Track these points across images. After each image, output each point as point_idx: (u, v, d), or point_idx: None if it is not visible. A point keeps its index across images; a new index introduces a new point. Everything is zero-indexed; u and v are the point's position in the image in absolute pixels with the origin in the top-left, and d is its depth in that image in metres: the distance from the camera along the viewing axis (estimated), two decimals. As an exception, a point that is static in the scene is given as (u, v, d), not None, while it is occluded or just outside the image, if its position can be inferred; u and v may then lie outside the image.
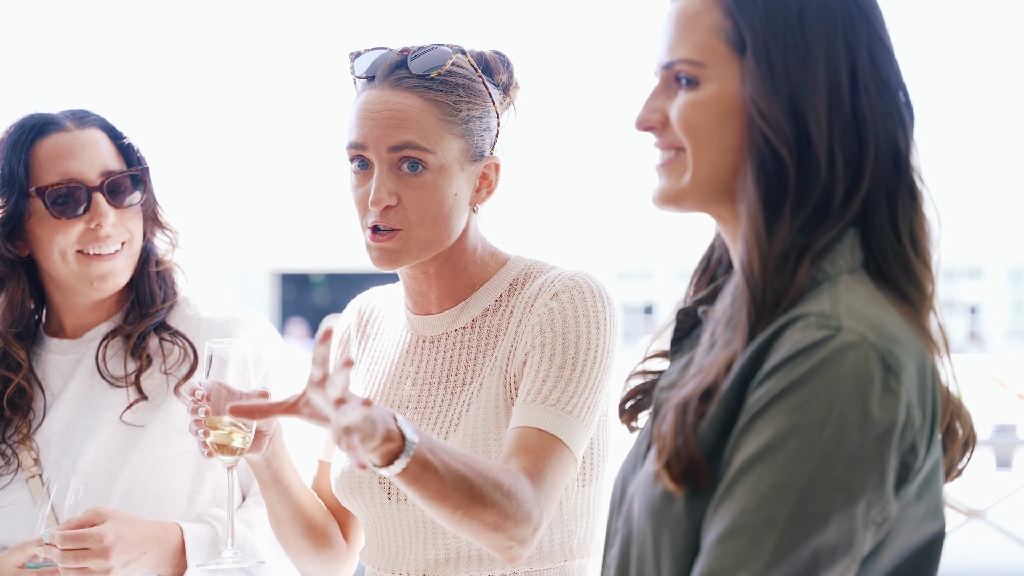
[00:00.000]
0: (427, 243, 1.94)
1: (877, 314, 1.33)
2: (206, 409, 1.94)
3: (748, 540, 1.25)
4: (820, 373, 1.27)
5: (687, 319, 1.53)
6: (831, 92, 1.36)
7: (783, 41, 1.37)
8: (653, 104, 1.44)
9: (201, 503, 2.30)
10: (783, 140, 1.35)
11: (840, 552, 1.26)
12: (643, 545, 1.38)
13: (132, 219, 2.30)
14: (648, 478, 1.40)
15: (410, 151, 1.91)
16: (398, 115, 1.94)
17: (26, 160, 2.27)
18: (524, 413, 1.85)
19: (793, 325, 1.31)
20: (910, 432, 1.29)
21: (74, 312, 2.36)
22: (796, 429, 1.26)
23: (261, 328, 2.40)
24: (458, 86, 1.96)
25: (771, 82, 1.36)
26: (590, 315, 1.90)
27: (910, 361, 1.30)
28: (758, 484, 1.26)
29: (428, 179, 1.92)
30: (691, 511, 1.33)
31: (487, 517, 1.75)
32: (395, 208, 1.93)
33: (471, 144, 1.96)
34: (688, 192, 1.42)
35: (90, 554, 2.08)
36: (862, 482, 1.26)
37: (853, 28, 1.39)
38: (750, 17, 1.38)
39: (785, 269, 1.35)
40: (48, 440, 2.30)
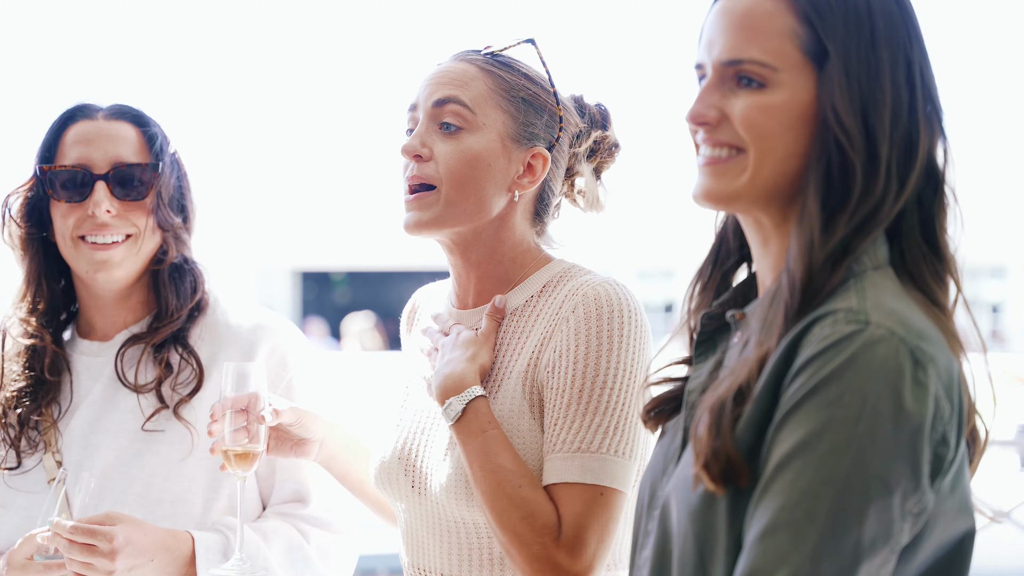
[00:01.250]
0: (455, 208, 1.95)
1: (904, 309, 1.34)
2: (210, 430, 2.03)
3: (790, 536, 1.26)
4: (851, 367, 1.28)
5: (710, 322, 1.53)
6: (894, 107, 1.39)
7: (858, 55, 1.39)
8: (709, 99, 1.44)
9: (218, 510, 2.28)
10: (856, 150, 1.38)
11: (879, 544, 1.27)
12: (685, 547, 1.39)
13: (140, 213, 2.29)
14: (686, 480, 1.40)
15: (453, 105, 1.95)
16: (450, 75, 1.99)
17: (53, 144, 2.30)
18: (559, 466, 1.85)
19: (822, 321, 1.32)
20: (940, 424, 1.30)
21: (101, 311, 2.36)
22: (831, 424, 1.27)
23: (288, 334, 2.38)
24: (519, 71, 2.00)
25: (849, 94, 1.38)
26: (613, 337, 1.88)
27: (937, 354, 1.32)
28: (796, 480, 1.27)
29: (464, 138, 1.95)
30: (734, 510, 1.34)
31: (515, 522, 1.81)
32: (427, 162, 1.96)
33: (520, 126, 1.98)
34: (744, 194, 1.43)
35: (97, 552, 2.07)
36: (897, 474, 1.27)
37: (911, 47, 1.42)
38: (833, 28, 1.39)
39: (827, 270, 1.37)
40: (71, 443, 2.30)
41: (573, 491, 1.83)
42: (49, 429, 2.30)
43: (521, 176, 1.98)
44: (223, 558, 2.19)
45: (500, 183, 1.97)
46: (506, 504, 1.82)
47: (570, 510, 1.82)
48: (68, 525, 2.07)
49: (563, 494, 1.83)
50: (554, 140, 2.01)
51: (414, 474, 1.99)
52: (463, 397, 1.89)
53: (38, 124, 2.39)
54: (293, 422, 2.11)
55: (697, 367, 1.52)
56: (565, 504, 1.83)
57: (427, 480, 1.96)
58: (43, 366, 2.32)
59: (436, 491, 1.93)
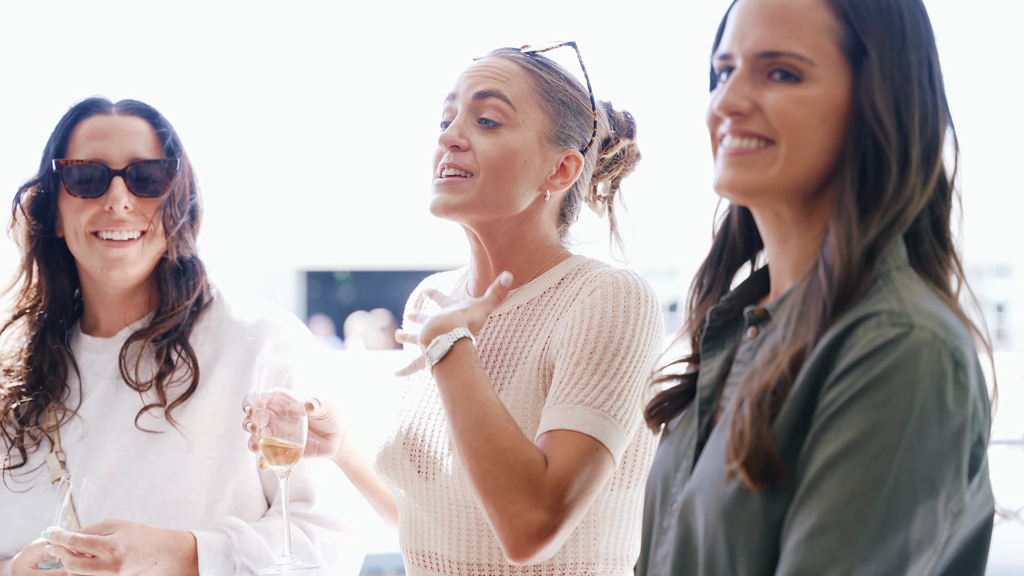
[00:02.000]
0: (487, 198, 1.96)
1: (940, 311, 1.36)
2: (253, 424, 2.02)
3: (839, 536, 1.27)
4: (899, 370, 1.30)
5: (719, 317, 1.52)
6: (922, 108, 1.41)
7: (891, 54, 1.40)
8: (742, 90, 1.44)
9: (221, 511, 2.26)
10: (892, 147, 1.39)
11: (925, 544, 1.29)
12: (713, 543, 1.38)
13: (153, 210, 2.28)
14: (715, 476, 1.40)
15: (494, 99, 1.97)
16: (492, 69, 2.00)
17: (64, 138, 2.28)
18: (560, 414, 1.83)
19: (865, 323, 1.33)
20: (977, 424, 1.33)
21: (105, 305, 2.35)
22: (880, 426, 1.28)
23: (291, 328, 2.37)
24: (559, 73, 2.03)
25: (885, 91, 1.39)
26: (629, 312, 1.88)
27: (971, 355, 1.34)
28: (845, 480, 1.28)
29: (502, 133, 1.97)
30: (768, 509, 1.34)
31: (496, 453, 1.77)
32: (464, 153, 1.97)
33: (557, 126, 1.99)
34: (772, 187, 1.43)
35: (100, 564, 2.05)
36: (943, 475, 1.29)
37: (932, 50, 1.44)
38: (870, 25, 1.40)
39: (860, 270, 1.38)
40: (75, 441, 2.29)
41: (568, 437, 1.80)
42: (53, 427, 2.29)
43: (554, 176, 2.00)
44: (225, 558, 2.18)
45: (533, 181, 1.98)
46: (490, 432, 1.78)
47: (563, 453, 1.78)
48: (68, 536, 2.05)
49: (558, 439, 1.79)
50: (587, 144, 2.03)
51: (420, 459, 1.98)
52: (451, 335, 1.86)
53: (40, 121, 2.38)
54: (323, 416, 2.10)
55: (706, 362, 1.52)
56: (558, 447, 1.79)
57: (436, 465, 1.95)
58: (47, 363, 2.31)
59: (448, 475, 1.92)
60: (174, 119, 2.38)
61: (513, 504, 1.75)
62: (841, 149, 1.41)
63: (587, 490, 1.80)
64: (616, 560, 1.98)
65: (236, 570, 2.20)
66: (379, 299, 17.12)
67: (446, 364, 1.85)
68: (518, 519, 1.74)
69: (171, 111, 2.41)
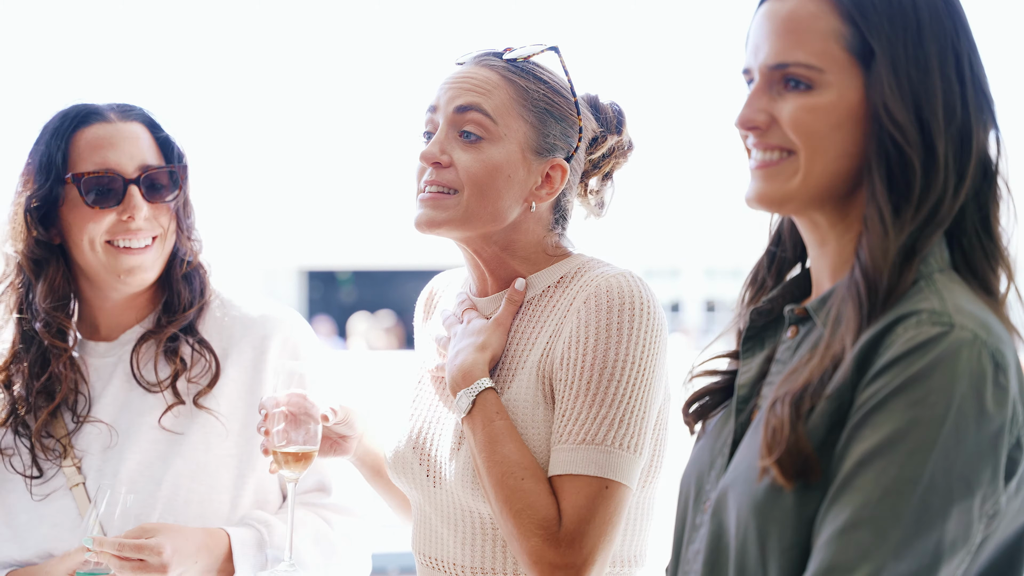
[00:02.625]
0: (471, 214, 1.95)
1: (982, 312, 1.35)
2: (266, 429, 2.03)
3: (872, 532, 1.26)
4: (938, 369, 1.29)
5: (759, 317, 1.53)
6: (946, 100, 1.40)
7: (905, 50, 1.39)
8: (758, 104, 1.44)
9: (244, 506, 2.30)
10: (912, 145, 1.38)
11: (959, 544, 1.28)
12: (745, 540, 1.39)
13: (165, 215, 2.30)
14: (748, 473, 1.40)
15: (474, 113, 1.94)
16: (472, 81, 1.96)
17: (65, 147, 2.28)
18: (564, 458, 1.85)
19: (905, 321, 1.33)
20: (1016, 427, 1.31)
21: (106, 310, 2.35)
22: (917, 423, 1.28)
23: (295, 324, 2.39)
24: (541, 79, 1.98)
25: (899, 90, 1.38)
26: (622, 328, 1.87)
27: (1012, 358, 1.33)
28: (880, 477, 1.27)
29: (484, 148, 1.94)
30: (801, 505, 1.34)
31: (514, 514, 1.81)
32: (446, 169, 1.95)
33: (540, 136, 1.97)
34: (797, 195, 1.44)
35: (148, 567, 2.09)
36: (979, 476, 1.28)
37: (958, 38, 1.42)
38: (876, 26, 1.40)
39: (899, 269, 1.37)
40: (89, 446, 2.30)
41: (576, 483, 1.82)
42: (65, 435, 2.29)
43: (539, 187, 1.98)
44: (258, 551, 2.23)
45: (518, 194, 1.96)
46: (508, 494, 1.83)
47: (572, 502, 1.81)
48: (114, 542, 2.08)
49: (566, 486, 1.83)
50: (572, 150, 2.00)
51: (428, 464, 1.99)
52: (471, 391, 1.90)
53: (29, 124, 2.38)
54: (341, 420, 2.12)
55: (745, 362, 1.52)
56: (567, 496, 1.82)
57: (440, 470, 1.97)
58: (54, 375, 2.31)
59: (450, 482, 1.94)
60: (176, 119, 2.38)
61: (540, 562, 1.81)
62: (864, 151, 1.41)
63: (606, 529, 1.82)
64: (627, 560, 1.98)
65: (268, 562, 2.24)
66: (381, 299, 17.13)
67: (471, 419, 1.90)
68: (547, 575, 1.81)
69: (174, 112, 2.41)
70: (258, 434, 2.22)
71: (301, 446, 2.03)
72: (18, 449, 2.29)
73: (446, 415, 2.01)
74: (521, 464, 1.85)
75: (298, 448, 2.03)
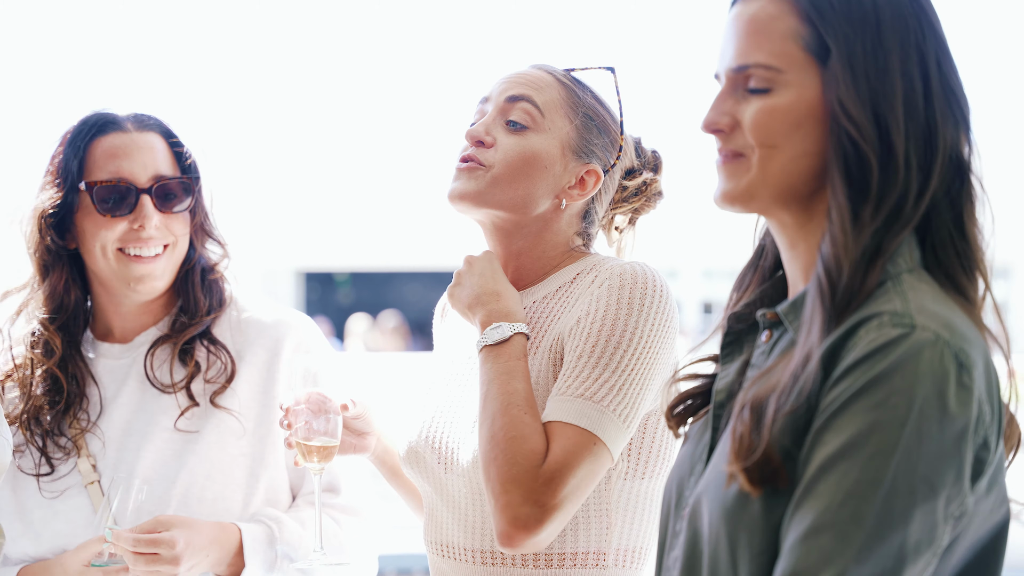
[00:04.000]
0: (499, 192, 2.01)
1: (946, 312, 1.34)
2: (289, 423, 2.09)
3: (834, 537, 1.25)
4: (899, 370, 1.28)
5: (738, 322, 1.53)
6: (907, 98, 1.38)
7: (863, 48, 1.39)
8: (722, 107, 1.45)
9: (256, 504, 2.35)
10: (869, 142, 1.37)
11: (923, 547, 1.27)
12: (716, 546, 1.38)
13: (178, 224, 2.35)
14: (719, 479, 1.40)
15: (524, 103, 2.02)
16: (527, 77, 2.06)
17: (82, 155, 2.33)
18: (559, 406, 1.88)
19: (867, 324, 1.32)
20: (982, 427, 1.31)
21: (120, 314, 2.40)
22: (878, 426, 1.27)
23: (308, 328, 2.46)
24: (592, 92, 2.09)
25: (855, 87, 1.38)
26: (633, 304, 1.91)
27: (978, 358, 1.32)
28: (841, 481, 1.27)
29: (528, 136, 2.02)
30: (768, 511, 1.33)
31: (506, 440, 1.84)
32: (487, 148, 2.02)
33: (582, 139, 2.04)
34: (756, 193, 1.44)
35: (161, 560, 2.14)
36: (943, 477, 1.27)
37: (923, 37, 1.41)
38: (833, 24, 1.39)
39: (862, 270, 1.36)
40: (105, 445, 2.34)
41: (568, 431, 1.85)
42: (79, 434, 2.33)
43: (572, 187, 2.04)
44: (268, 547, 2.27)
45: (551, 186, 2.02)
46: (507, 421, 1.85)
47: (560, 446, 1.83)
48: (129, 536, 2.13)
49: (558, 431, 1.85)
50: (610, 165, 2.07)
51: (440, 452, 2.04)
52: (514, 326, 1.93)
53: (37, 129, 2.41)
54: (358, 415, 2.17)
55: (724, 367, 1.52)
56: (557, 440, 1.84)
57: (454, 455, 2.01)
58: (65, 375, 2.35)
59: (464, 465, 1.97)
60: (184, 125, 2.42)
61: (507, 494, 1.81)
62: (826, 150, 1.41)
63: (582, 485, 1.84)
64: (628, 551, 1.99)
65: (278, 558, 2.29)
66: (378, 301, 17.14)
67: (499, 348, 1.92)
68: (509, 509, 1.80)
69: (171, 114, 2.44)
70: (271, 434, 2.34)
71: (323, 437, 2.08)
72: (30, 448, 2.32)
73: (459, 404, 2.05)
74: (528, 400, 1.88)
75: (321, 442, 2.07)
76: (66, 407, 2.34)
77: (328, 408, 2.09)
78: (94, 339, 2.42)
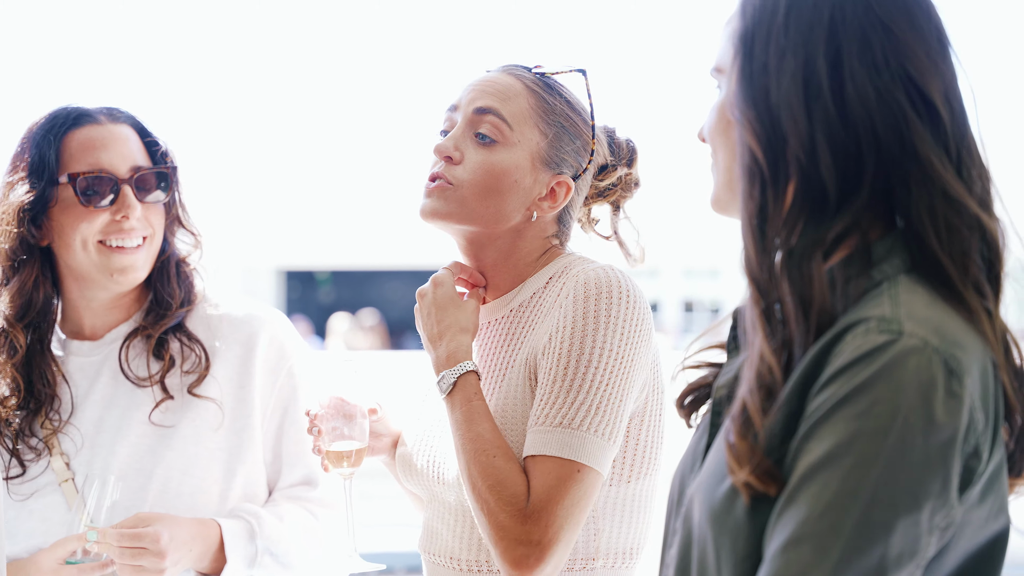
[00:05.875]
0: (470, 210, 2.00)
1: (939, 317, 1.30)
2: (318, 428, 2.09)
3: (813, 548, 1.23)
4: (883, 378, 1.25)
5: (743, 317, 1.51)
6: (807, 80, 1.33)
7: (765, 38, 1.36)
8: None
9: (232, 499, 2.34)
10: (753, 134, 1.34)
11: (905, 559, 1.24)
12: (704, 548, 1.37)
13: (155, 215, 2.34)
14: (710, 480, 1.38)
15: (491, 117, 1.99)
16: (495, 85, 2.02)
17: (57, 149, 2.31)
18: (537, 439, 1.87)
19: (854, 329, 1.29)
20: (973, 436, 1.27)
21: (92, 310, 2.38)
22: (860, 435, 1.24)
23: (281, 322, 2.45)
24: (563, 96, 2.04)
25: (747, 80, 1.36)
26: (599, 316, 1.89)
27: (972, 364, 1.28)
28: (822, 492, 1.24)
29: (496, 151, 1.99)
30: (753, 516, 1.31)
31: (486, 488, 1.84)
32: (456, 165, 2.00)
33: (552, 149, 2.02)
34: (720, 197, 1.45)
35: (147, 554, 2.14)
36: (927, 488, 1.24)
37: (843, 15, 1.35)
38: (748, 17, 1.38)
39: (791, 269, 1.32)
40: (77, 443, 2.33)
41: (547, 464, 1.85)
42: (51, 433, 2.32)
43: (543, 199, 2.03)
44: (248, 542, 2.27)
45: (522, 200, 2.01)
46: (479, 471, 1.86)
47: (541, 482, 1.84)
48: (114, 532, 2.13)
49: (537, 466, 1.85)
50: (581, 171, 2.05)
51: (432, 460, 2.04)
52: (455, 371, 1.94)
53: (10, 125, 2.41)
54: (379, 418, 2.17)
55: (728, 363, 1.50)
56: (537, 476, 1.84)
57: (441, 467, 2.02)
58: (34, 375, 2.34)
59: (450, 479, 1.99)
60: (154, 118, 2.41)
61: (503, 540, 1.82)
62: None
63: (574, 512, 1.84)
64: (618, 554, 1.99)
65: (258, 553, 2.28)
66: (359, 299, 17.11)
67: (451, 398, 1.94)
68: (508, 554, 1.82)
69: (151, 110, 2.44)
70: (247, 429, 2.33)
71: (353, 442, 2.08)
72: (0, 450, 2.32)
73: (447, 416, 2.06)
74: (494, 443, 1.88)
75: (348, 445, 2.08)
76: (37, 407, 2.32)
77: (355, 412, 2.09)
78: (64, 338, 2.40)
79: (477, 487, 1.85)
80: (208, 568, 2.26)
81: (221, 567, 2.26)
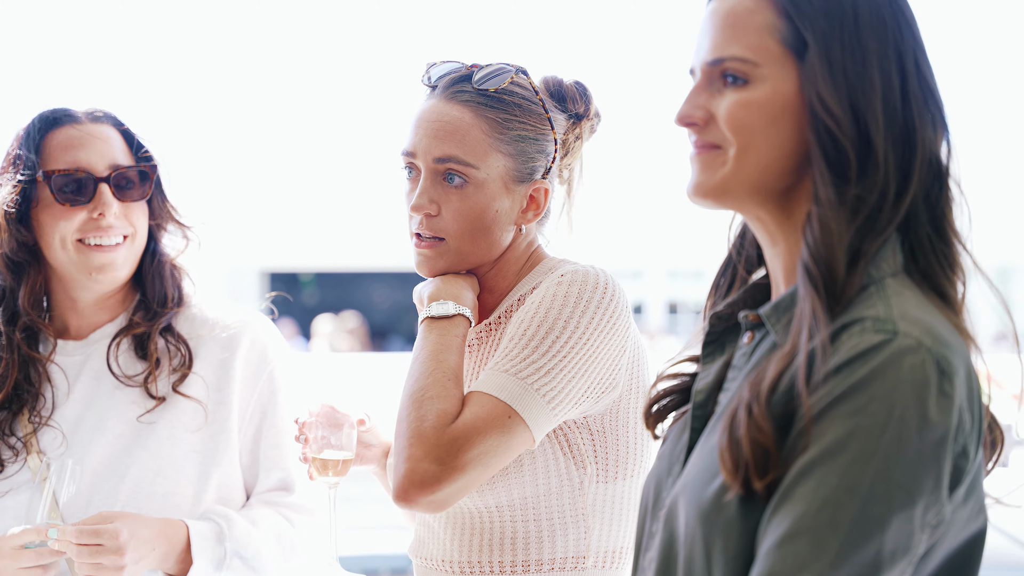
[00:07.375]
0: (466, 255, 2.01)
1: (929, 318, 1.33)
2: (305, 437, 2.09)
3: (810, 542, 1.25)
4: (879, 377, 1.27)
5: (720, 322, 1.52)
6: (885, 96, 1.37)
7: (842, 43, 1.37)
8: (696, 100, 1.44)
9: (207, 501, 2.33)
10: (848, 137, 1.36)
11: (899, 554, 1.26)
12: (692, 548, 1.37)
13: (136, 214, 2.34)
14: (696, 480, 1.39)
15: (453, 164, 1.97)
16: (447, 127, 1.98)
17: (37, 148, 2.32)
18: (482, 379, 1.88)
19: (849, 329, 1.31)
20: (962, 435, 1.29)
21: (78, 310, 2.39)
22: (857, 432, 1.26)
23: (264, 326, 2.46)
24: (514, 105, 2.00)
25: (833, 81, 1.36)
26: (578, 298, 1.90)
27: (960, 365, 1.31)
28: (819, 487, 1.26)
29: (469, 192, 1.97)
30: (745, 514, 1.32)
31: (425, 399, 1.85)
32: (436, 217, 1.99)
33: (519, 164, 2.00)
34: (730, 187, 1.42)
35: (105, 551, 2.12)
36: (920, 485, 1.26)
37: (901, 35, 1.40)
38: (811, 18, 1.38)
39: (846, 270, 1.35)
40: (57, 443, 2.33)
41: (483, 399, 1.85)
42: (31, 433, 2.32)
43: (525, 210, 2.03)
44: (216, 545, 2.26)
45: (507, 222, 2.02)
46: (427, 383, 1.86)
47: (472, 412, 1.84)
48: (72, 529, 2.12)
49: (474, 399, 1.86)
50: (551, 163, 2.04)
51: None
52: (460, 308, 1.96)
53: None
54: (368, 428, 2.16)
55: (705, 367, 1.51)
56: (470, 407, 1.85)
57: None
58: (21, 372, 2.34)
59: None
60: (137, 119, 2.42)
61: (411, 448, 1.82)
62: (800, 146, 1.40)
63: (489, 453, 1.83)
64: (609, 552, 1.99)
65: (227, 556, 2.27)
66: (343, 301, 17.09)
67: (440, 322, 1.94)
68: (409, 463, 1.81)
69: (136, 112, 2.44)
70: (223, 432, 2.33)
71: (340, 451, 2.07)
72: None
73: None
74: (455, 373, 1.89)
75: (339, 455, 2.07)
76: (19, 407, 2.32)
77: (343, 422, 2.08)
78: (49, 337, 2.40)
79: (415, 396, 1.85)
80: (174, 569, 2.25)
81: (188, 568, 2.24)
